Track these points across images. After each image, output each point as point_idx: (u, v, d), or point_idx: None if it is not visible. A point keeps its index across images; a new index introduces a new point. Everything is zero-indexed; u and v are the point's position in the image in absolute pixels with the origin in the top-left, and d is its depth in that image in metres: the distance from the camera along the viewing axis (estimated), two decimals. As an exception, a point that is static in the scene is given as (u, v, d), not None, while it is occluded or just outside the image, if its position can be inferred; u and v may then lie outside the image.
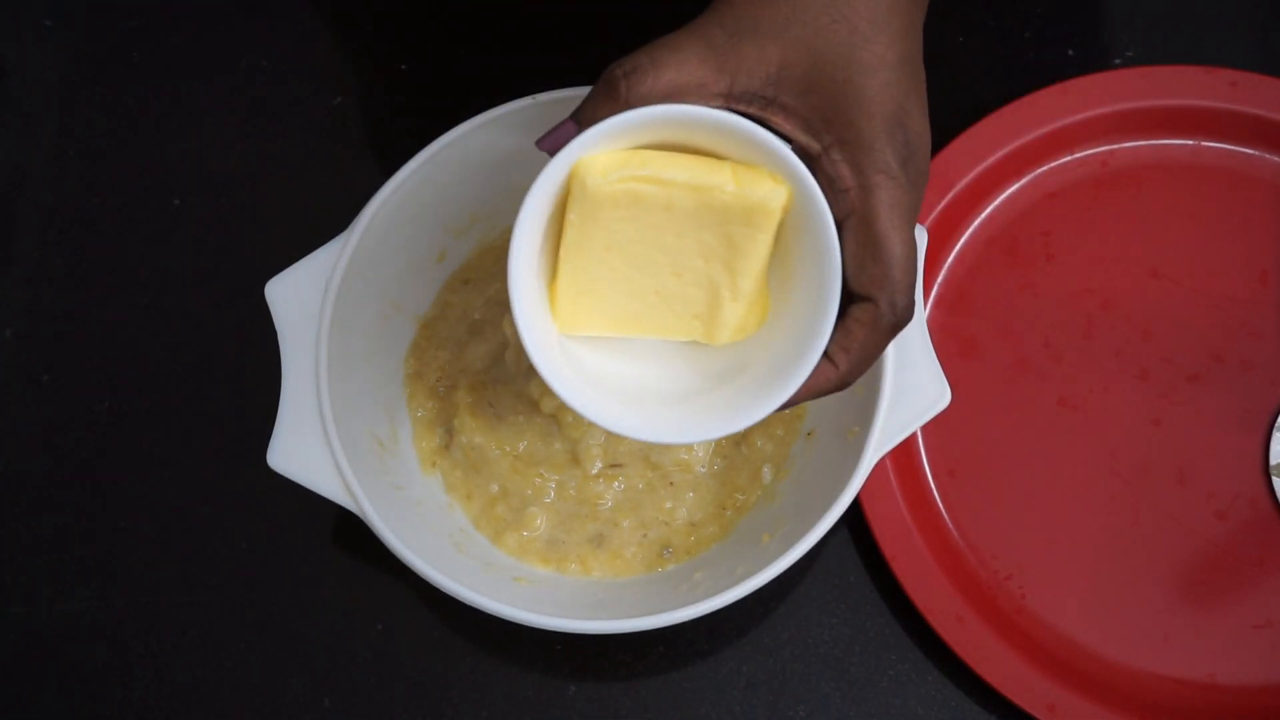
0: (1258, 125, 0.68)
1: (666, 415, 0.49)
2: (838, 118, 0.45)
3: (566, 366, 0.48)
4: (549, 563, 0.61)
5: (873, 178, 0.45)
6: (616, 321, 0.50)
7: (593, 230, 0.47)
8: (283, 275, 0.57)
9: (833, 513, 0.54)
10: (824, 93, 0.45)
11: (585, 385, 0.49)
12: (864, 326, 0.46)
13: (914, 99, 0.47)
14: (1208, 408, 0.65)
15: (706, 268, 0.48)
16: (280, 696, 0.63)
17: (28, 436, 0.68)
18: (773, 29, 0.45)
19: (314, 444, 0.55)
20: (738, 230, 0.47)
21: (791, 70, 0.45)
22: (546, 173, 0.46)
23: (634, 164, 0.46)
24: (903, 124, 0.46)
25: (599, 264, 0.48)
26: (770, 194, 0.46)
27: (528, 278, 0.47)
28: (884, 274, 0.46)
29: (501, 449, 0.62)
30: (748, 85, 0.46)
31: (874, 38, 0.46)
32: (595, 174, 0.46)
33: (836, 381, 0.47)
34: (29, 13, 0.75)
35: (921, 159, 0.47)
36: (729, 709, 0.62)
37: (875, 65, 0.46)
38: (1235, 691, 0.61)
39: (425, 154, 0.59)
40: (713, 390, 0.50)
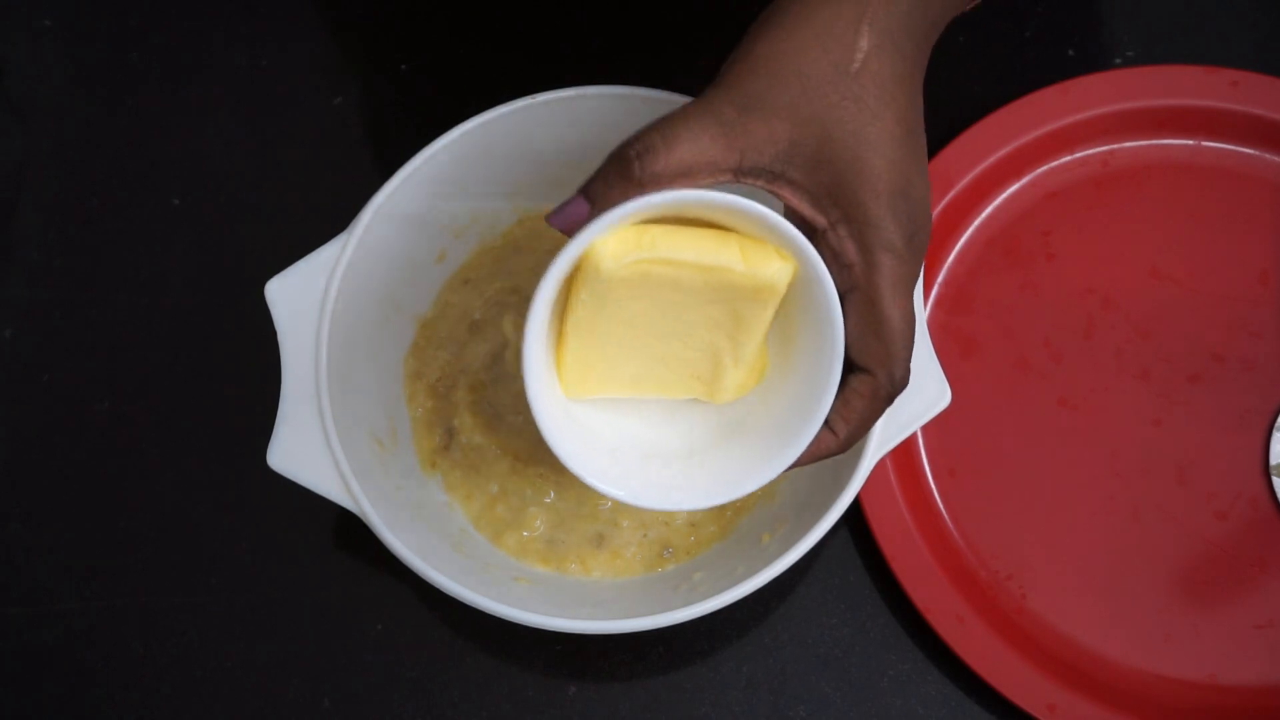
0: (1258, 125, 0.68)
1: (668, 477, 0.50)
2: (845, 194, 0.46)
3: (571, 430, 0.49)
4: (549, 563, 0.61)
5: (877, 255, 0.46)
6: (621, 384, 0.51)
7: (602, 307, 0.48)
8: (283, 275, 0.57)
9: (833, 513, 0.54)
10: (832, 169, 0.46)
11: (586, 449, 0.50)
12: (863, 398, 0.48)
13: (917, 170, 0.48)
14: (1208, 408, 0.65)
15: (710, 336, 0.49)
16: (280, 696, 0.63)
17: (28, 436, 0.68)
18: (783, 106, 0.46)
19: (314, 444, 0.55)
20: (744, 306, 0.47)
21: (801, 147, 0.46)
22: (564, 255, 0.46)
23: (644, 245, 0.46)
24: (908, 197, 0.47)
25: (606, 335, 0.49)
26: (778, 273, 0.46)
27: (539, 350, 0.48)
28: (884, 350, 0.47)
29: (501, 449, 0.62)
30: (757, 161, 0.46)
31: (882, 113, 0.46)
32: (608, 259, 0.46)
33: (836, 447, 0.49)
34: (29, 13, 0.75)
35: (924, 232, 0.48)
36: (729, 709, 0.62)
37: (883, 141, 0.46)
38: (1235, 691, 0.61)
39: (426, 153, 0.59)
40: (713, 449, 0.51)
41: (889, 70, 0.47)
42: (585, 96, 0.60)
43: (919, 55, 0.49)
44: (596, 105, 0.60)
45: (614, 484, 0.49)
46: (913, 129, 0.48)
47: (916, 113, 0.48)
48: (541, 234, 0.66)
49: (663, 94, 0.59)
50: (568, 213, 0.47)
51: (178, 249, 0.71)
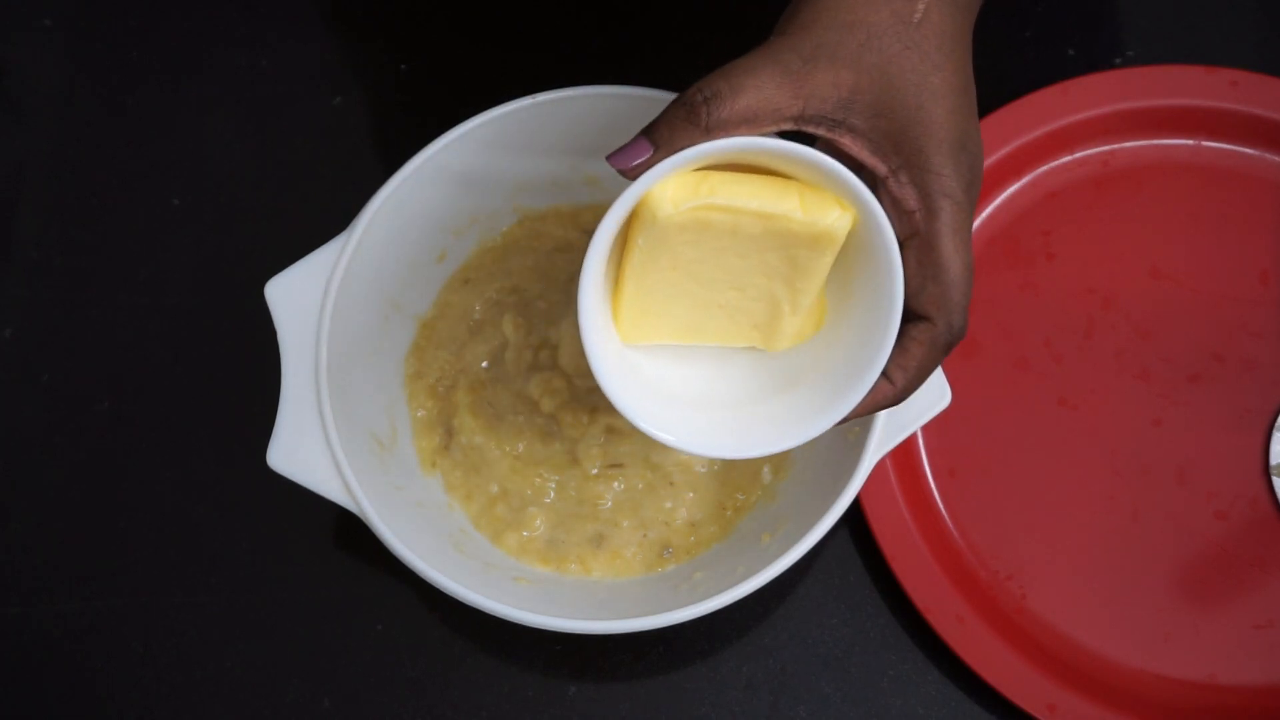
0: (1258, 125, 0.68)
1: (721, 425, 0.50)
2: (906, 142, 0.46)
3: (624, 374, 0.49)
4: (549, 563, 0.61)
5: (938, 201, 0.46)
6: (678, 330, 0.51)
7: (659, 253, 0.48)
8: (283, 275, 0.57)
9: (833, 513, 0.54)
10: (894, 117, 0.46)
11: (640, 393, 0.49)
12: (921, 345, 0.47)
13: (973, 123, 0.48)
14: (1208, 408, 0.65)
15: (768, 284, 0.49)
16: (280, 696, 0.63)
17: (28, 436, 0.68)
18: (846, 55, 0.46)
19: (314, 444, 0.55)
20: (802, 253, 0.47)
21: (863, 95, 0.46)
22: (623, 200, 0.46)
23: (703, 192, 0.47)
24: (966, 148, 0.47)
25: (663, 281, 0.49)
26: (837, 221, 0.46)
27: (595, 294, 0.48)
28: (944, 295, 0.47)
29: (501, 449, 0.62)
30: (820, 109, 0.46)
31: (943, 65, 0.47)
32: (666, 204, 0.46)
33: (894, 397, 0.48)
34: (29, 13, 0.75)
35: (979, 183, 0.48)
36: (729, 709, 0.62)
37: (944, 91, 0.47)
38: (1235, 691, 0.61)
39: (425, 154, 0.59)
40: (770, 399, 0.50)
41: (949, 23, 0.47)
42: (585, 96, 0.60)
43: (971, 15, 0.49)
44: (596, 105, 0.60)
45: (664, 429, 0.48)
46: (968, 82, 0.48)
47: (970, 69, 0.49)
48: (542, 234, 0.66)
49: (663, 94, 0.59)
50: (629, 153, 0.47)
51: (178, 249, 0.71)
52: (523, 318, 0.64)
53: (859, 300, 0.49)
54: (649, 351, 0.51)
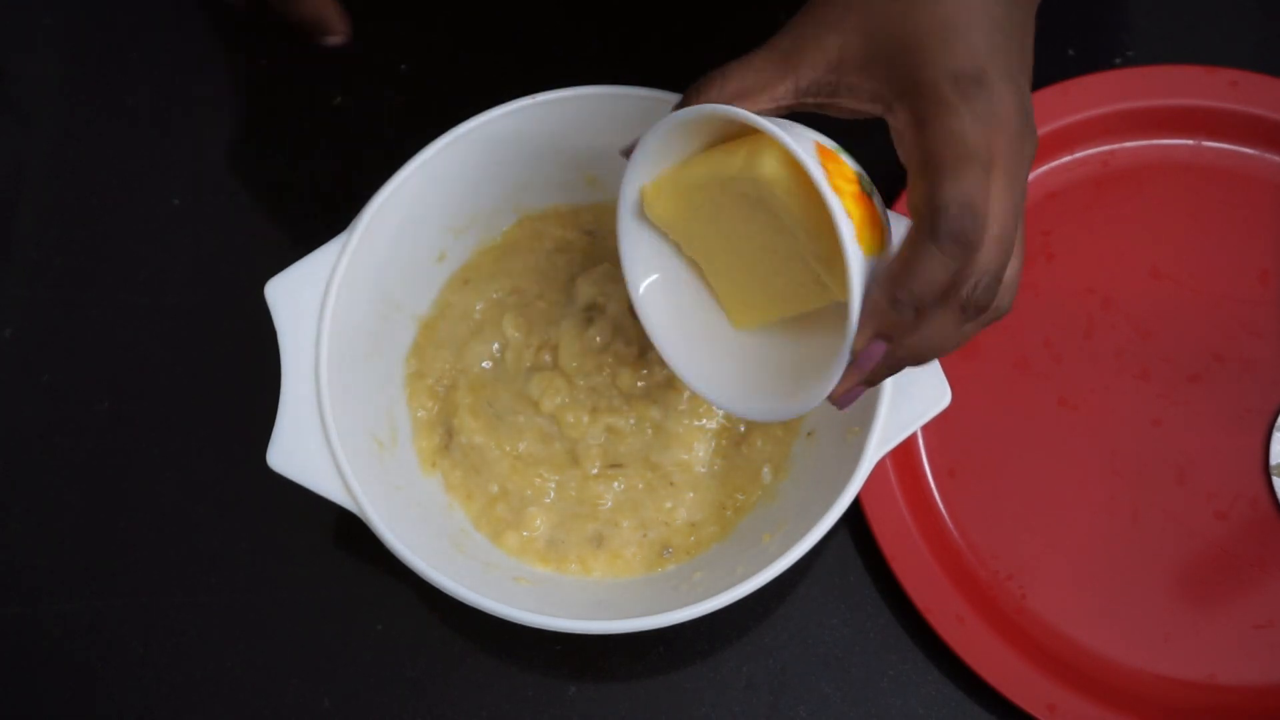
0: (1258, 125, 0.68)
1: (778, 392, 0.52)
2: (895, 75, 0.46)
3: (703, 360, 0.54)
4: (549, 563, 0.61)
5: (924, 112, 0.44)
6: (777, 305, 0.53)
7: (695, 244, 0.52)
8: (282, 275, 0.58)
9: (833, 513, 0.54)
10: (881, 59, 0.46)
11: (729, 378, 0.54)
12: (907, 244, 0.44)
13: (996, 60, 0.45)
14: (1208, 408, 0.65)
15: (781, 241, 0.50)
16: (280, 696, 0.63)
17: (28, 436, 0.68)
18: (829, 22, 0.47)
19: (314, 444, 0.55)
20: (771, 204, 0.48)
21: (850, 52, 0.47)
22: (620, 199, 0.51)
23: (680, 176, 0.51)
24: (978, 79, 0.44)
25: (729, 266, 0.52)
26: (759, 156, 0.47)
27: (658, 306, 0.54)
28: (931, 189, 0.43)
29: (501, 449, 0.62)
30: (812, 77, 0.47)
31: (932, 8, 0.45)
32: (650, 193, 0.51)
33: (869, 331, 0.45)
34: (29, 13, 0.75)
35: (997, 102, 0.44)
36: (729, 709, 0.62)
37: (934, 26, 0.45)
38: (1235, 691, 0.61)
39: (425, 154, 0.59)
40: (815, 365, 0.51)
41: None
42: (585, 96, 0.60)
43: None
44: (596, 105, 0.60)
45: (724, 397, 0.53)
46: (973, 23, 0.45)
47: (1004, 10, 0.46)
48: (541, 234, 0.66)
49: (663, 94, 0.59)
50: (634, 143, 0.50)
51: (178, 249, 0.71)
52: (523, 318, 0.64)
53: None
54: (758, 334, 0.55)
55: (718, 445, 0.63)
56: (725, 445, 0.63)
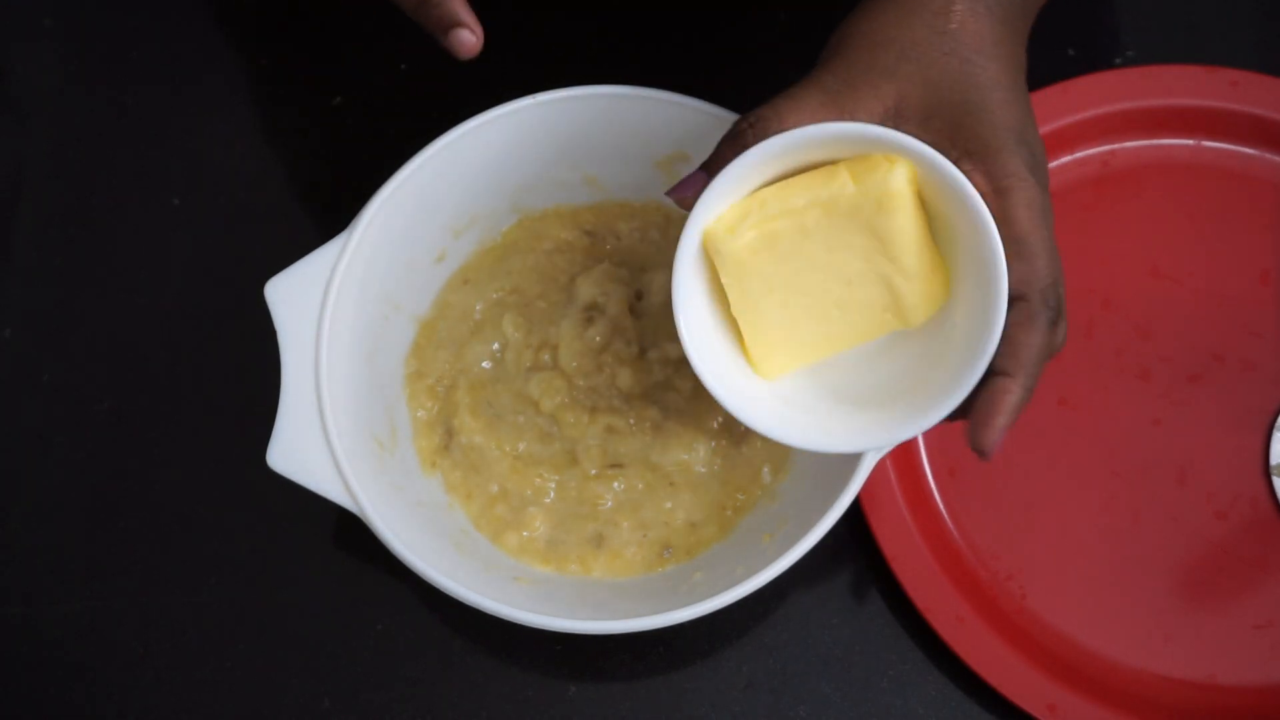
0: (1258, 125, 0.68)
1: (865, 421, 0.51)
2: (962, 135, 0.47)
3: (780, 413, 0.51)
4: (549, 563, 0.61)
5: (1005, 181, 0.46)
6: (815, 348, 0.51)
7: (749, 283, 0.49)
8: (282, 275, 0.58)
9: (833, 513, 0.54)
10: (944, 115, 0.47)
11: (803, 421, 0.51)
12: (1023, 328, 0.47)
13: (1030, 120, 0.48)
14: (1208, 408, 0.65)
15: (869, 266, 0.49)
16: (280, 696, 0.63)
17: (28, 436, 0.68)
18: (885, 69, 0.47)
19: (314, 444, 0.55)
20: (877, 222, 0.47)
21: (908, 102, 0.47)
22: (682, 247, 0.48)
23: (755, 209, 0.48)
24: (1025, 138, 0.47)
25: (771, 308, 0.50)
26: (888, 175, 0.46)
27: (708, 346, 0.50)
28: (1030, 270, 0.46)
29: (501, 449, 0.62)
30: (868, 122, 0.47)
31: (986, 65, 0.47)
32: (723, 235, 0.48)
33: (1020, 391, 0.47)
34: (29, 13, 0.75)
35: (1045, 170, 0.48)
36: (729, 709, 0.62)
37: (991, 85, 0.47)
38: (1235, 691, 0.61)
39: (425, 154, 0.59)
40: (914, 389, 0.50)
41: (987, 30, 0.48)
42: (585, 97, 0.60)
43: (1017, 23, 0.50)
44: (596, 105, 0.60)
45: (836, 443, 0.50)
46: (1018, 82, 0.48)
47: (1020, 74, 0.49)
48: (541, 234, 0.66)
49: (663, 94, 0.59)
50: (686, 184, 0.48)
51: (178, 249, 0.71)
52: (523, 318, 0.64)
53: (970, 271, 0.48)
54: (798, 381, 0.52)
55: (718, 445, 0.63)
56: (725, 445, 0.63)
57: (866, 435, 0.50)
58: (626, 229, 0.66)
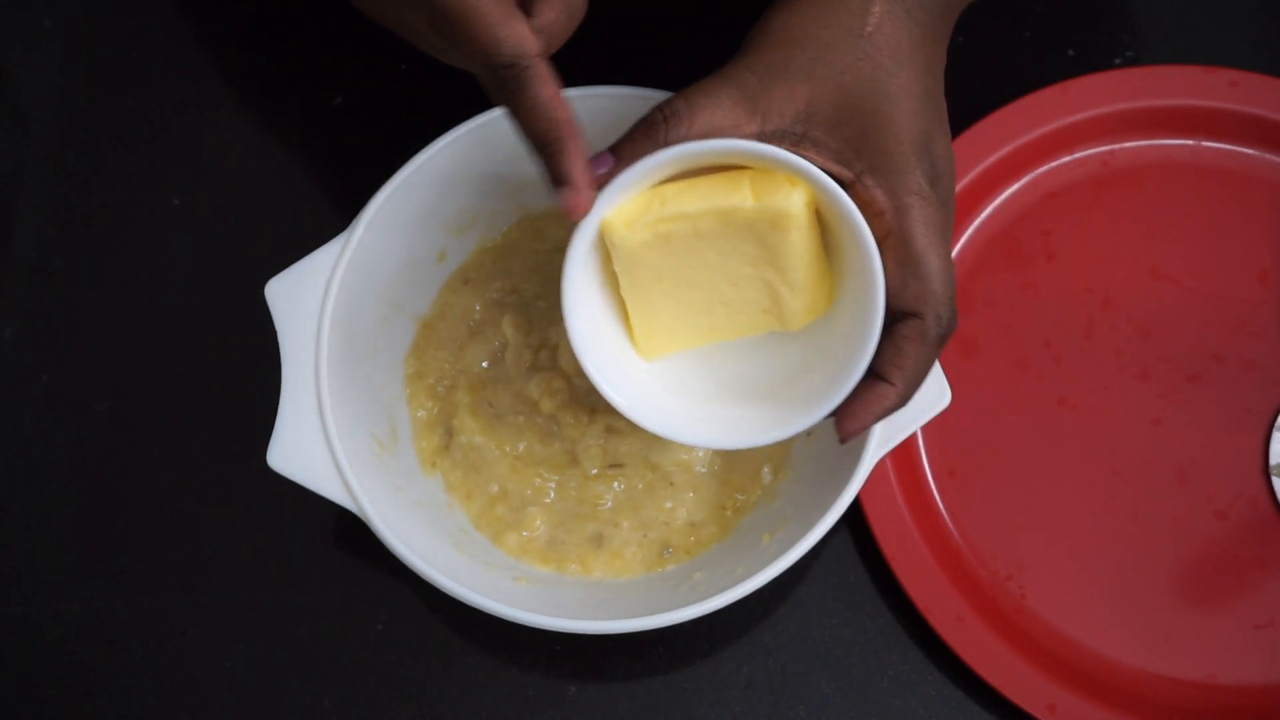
0: (1258, 125, 0.68)
1: (729, 417, 0.52)
2: (867, 145, 0.47)
3: (645, 397, 0.52)
4: (549, 563, 0.61)
5: (905, 199, 0.47)
6: (694, 336, 0.52)
7: (639, 273, 0.50)
8: (283, 275, 0.58)
9: (833, 513, 0.54)
10: (853, 124, 0.47)
11: (666, 410, 0.52)
12: (913, 342, 0.48)
13: (938, 127, 0.49)
14: (1208, 408, 0.65)
15: (756, 272, 0.50)
16: (280, 696, 0.63)
17: (28, 436, 0.68)
18: (800, 70, 0.48)
19: (314, 444, 0.55)
20: (771, 237, 0.48)
21: (820, 106, 0.47)
22: (579, 234, 0.49)
23: (654, 207, 0.49)
24: (929, 149, 0.48)
25: (659, 296, 0.51)
26: (787, 199, 0.47)
27: (589, 327, 0.50)
28: (925, 289, 0.47)
29: (501, 449, 0.62)
30: (779, 124, 0.48)
31: (898, 72, 0.48)
32: (620, 229, 0.49)
33: (896, 399, 0.49)
34: (29, 13, 0.75)
35: (948, 182, 0.49)
36: (729, 709, 0.62)
37: (901, 95, 0.48)
38: (1235, 691, 0.61)
39: (426, 154, 0.59)
40: (789, 386, 0.52)
41: (903, 35, 0.48)
42: (585, 97, 0.60)
43: (937, 26, 0.50)
44: (596, 105, 0.60)
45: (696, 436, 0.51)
46: (930, 90, 0.49)
47: (934, 77, 0.50)
48: (542, 234, 0.66)
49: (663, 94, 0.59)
50: (595, 163, 0.48)
51: (178, 249, 0.71)
52: (523, 318, 0.64)
53: (852, 290, 0.50)
54: (675, 367, 0.53)
55: (718, 445, 0.63)
56: (725, 444, 0.63)
57: (737, 433, 0.51)
58: (627, 229, 0.66)
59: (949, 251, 0.48)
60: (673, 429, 0.51)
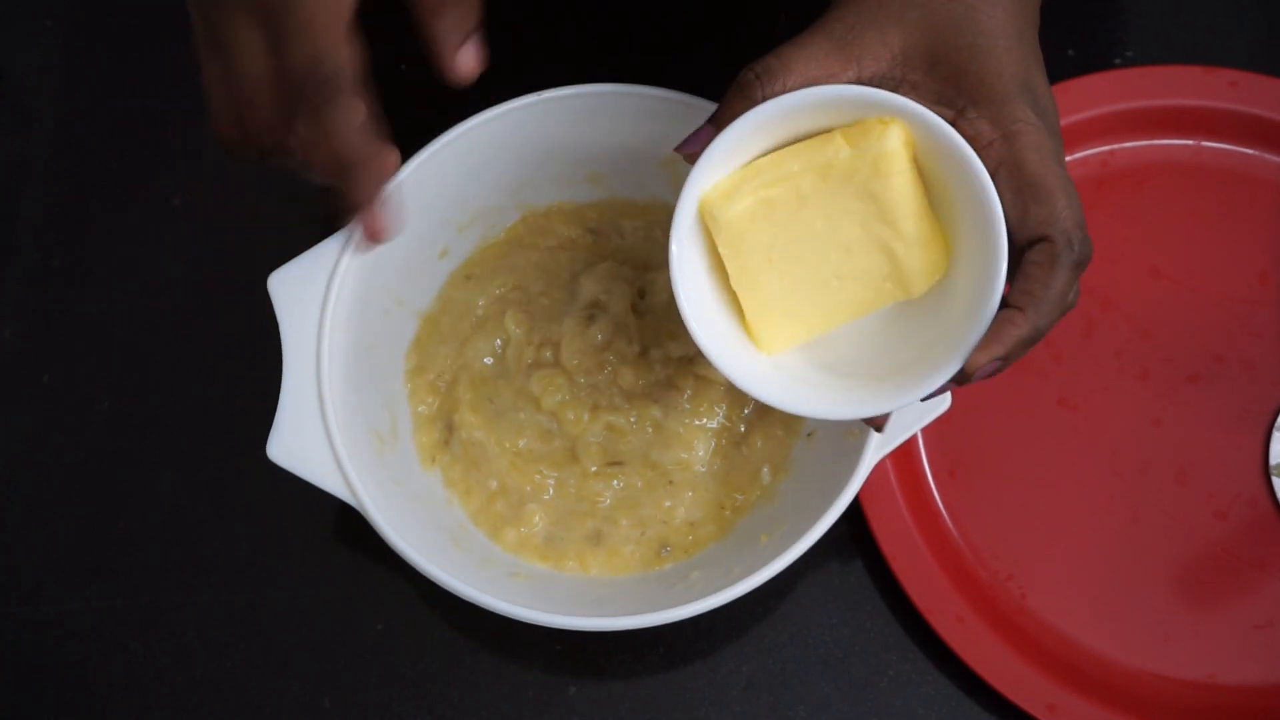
0: (1258, 125, 0.68)
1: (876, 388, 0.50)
2: (967, 81, 0.46)
3: (783, 383, 0.50)
4: (547, 559, 0.61)
5: (1013, 126, 0.46)
6: (816, 322, 0.51)
7: (747, 253, 0.49)
8: (286, 267, 0.58)
9: (831, 513, 0.54)
10: (950, 62, 0.47)
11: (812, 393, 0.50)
12: (1043, 267, 0.46)
13: (1037, 66, 0.48)
14: (1208, 408, 0.65)
15: (868, 233, 0.49)
16: (280, 696, 0.63)
17: (28, 436, 0.68)
18: (891, 15, 0.47)
19: (314, 437, 0.55)
20: (874, 185, 0.47)
21: (914, 48, 0.47)
22: (679, 213, 0.48)
23: (750, 176, 0.48)
24: (1030, 87, 0.47)
25: (771, 279, 0.49)
26: (882, 136, 0.47)
27: (708, 318, 0.49)
28: (1050, 212, 0.45)
29: (501, 445, 0.62)
30: (874, 70, 0.47)
31: (991, 11, 0.47)
32: (720, 201, 0.48)
33: (1028, 327, 0.46)
34: (29, 13, 0.75)
35: (1054, 118, 0.48)
36: (729, 709, 0.62)
37: (996, 33, 0.47)
38: (1235, 691, 0.61)
39: (429, 150, 0.60)
40: (924, 355, 0.49)
41: None
42: (588, 94, 0.60)
43: None
44: (600, 103, 0.60)
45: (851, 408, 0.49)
46: (1024, 31, 0.48)
47: (1029, 23, 0.49)
48: (545, 231, 0.66)
49: (664, 92, 0.59)
50: (694, 139, 0.48)
51: (178, 249, 0.71)
52: (525, 315, 0.64)
53: (968, 242, 0.48)
54: (803, 354, 0.52)
55: (718, 445, 0.63)
56: (725, 445, 0.63)
57: (875, 401, 0.49)
58: (630, 227, 0.66)
59: (1067, 175, 0.46)
60: (821, 407, 0.49)
